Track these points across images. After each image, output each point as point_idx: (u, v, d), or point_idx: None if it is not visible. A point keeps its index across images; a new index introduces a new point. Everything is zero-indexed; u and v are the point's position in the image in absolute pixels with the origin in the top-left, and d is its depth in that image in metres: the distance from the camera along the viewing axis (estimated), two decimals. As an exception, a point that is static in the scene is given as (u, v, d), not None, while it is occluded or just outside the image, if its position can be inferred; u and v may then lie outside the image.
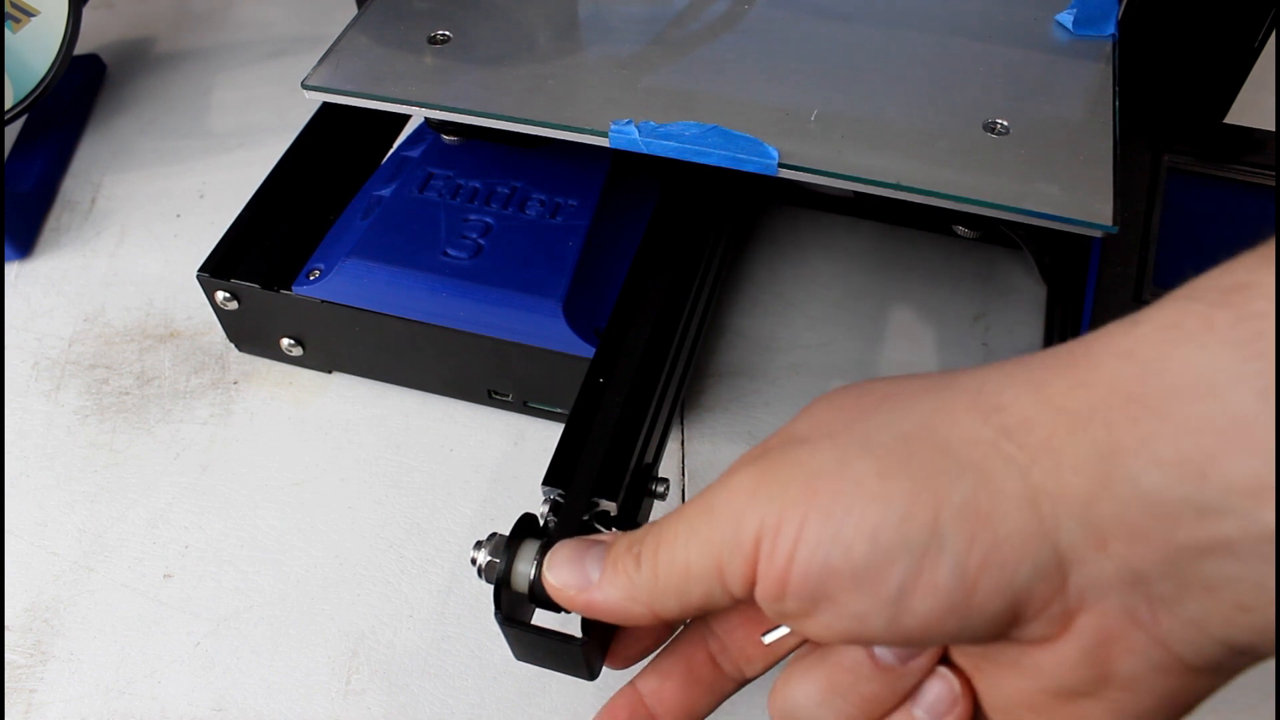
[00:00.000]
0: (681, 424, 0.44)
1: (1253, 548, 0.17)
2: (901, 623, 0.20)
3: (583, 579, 0.25)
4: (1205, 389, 0.17)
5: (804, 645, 0.27)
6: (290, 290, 0.42)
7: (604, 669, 0.29)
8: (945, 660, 0.23)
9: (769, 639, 0.26)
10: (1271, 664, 0.19)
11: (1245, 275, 0.18)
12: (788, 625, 0.23)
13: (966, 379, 0.21)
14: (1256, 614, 0.18)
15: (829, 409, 0.23)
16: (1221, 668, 0.19)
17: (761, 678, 0.28)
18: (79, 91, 0.61)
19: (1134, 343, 0.19)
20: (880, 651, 0.23)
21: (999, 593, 0.19)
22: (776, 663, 0.28)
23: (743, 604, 0.27)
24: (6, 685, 0.37)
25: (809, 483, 0.21)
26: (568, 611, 0.26)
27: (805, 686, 0.24)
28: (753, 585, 0.22)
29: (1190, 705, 0.20)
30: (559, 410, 0.43)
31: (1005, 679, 0.22)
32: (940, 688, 0.23)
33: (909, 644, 0.21)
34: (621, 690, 0.28)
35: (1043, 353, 0.20)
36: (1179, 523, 0.18)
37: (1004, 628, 0.20)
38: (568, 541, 0.26)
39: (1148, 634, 0.19)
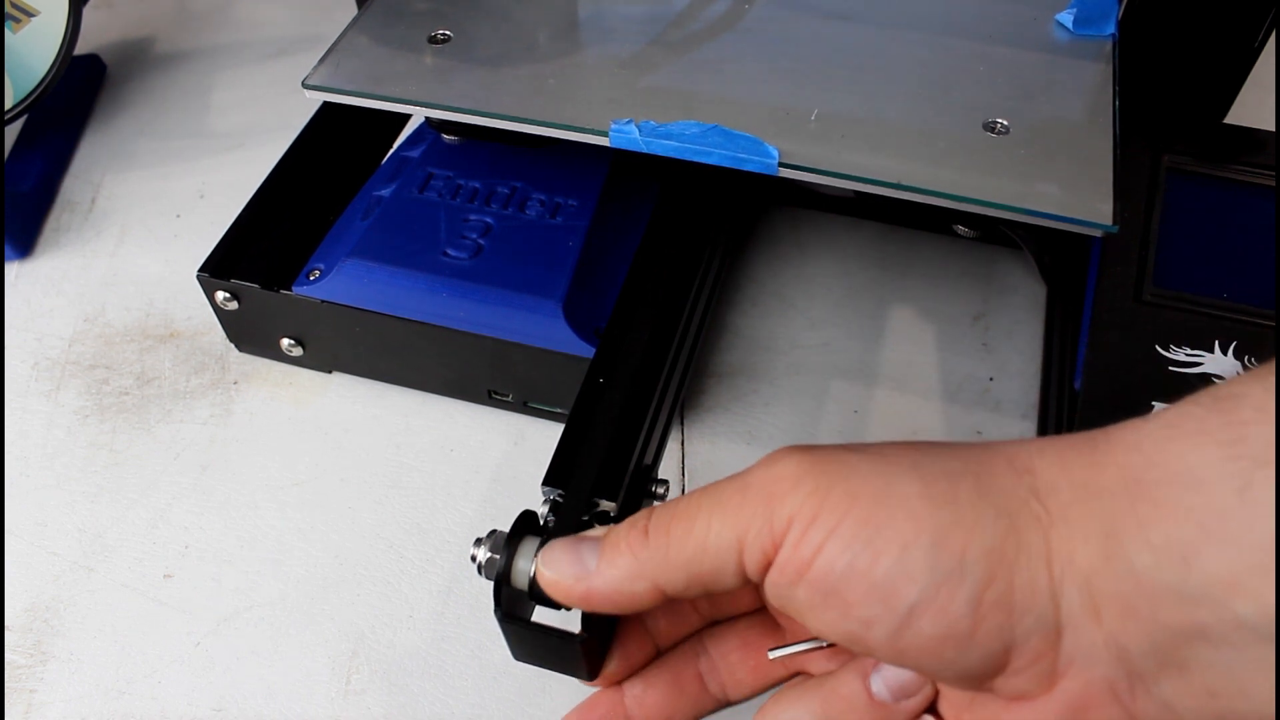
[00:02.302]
0: (681, 424, 0.44)
1: (1225, 635, 0.19)
2: (903, 638, 0.21)
3: (579, 567, 0.25)
4: (1193, 482, 0.19)
5: (796, 676, 0.27)
6: (290, 290, 0.42)
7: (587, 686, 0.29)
8: (931, 710, 0.24)
9: (776, 654, 0.27)
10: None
11: (1238, 388, 0.20)
12: (790, 614, 0.23)
13: (1003, 445, 0.23)
14: (1223, 701, 0.19)
15: (879, 444, 0.24)
16: None
17: (743, 705, 0.29)
18: (79, 91, 0.61)
19: (1141, 436, 0.20)
20: (876, 685, 0.24)
21: (1000, 634, 0.21)
22: (763, 691, 0.28)
23: (739, 624, 0.28)
24: (6, 685, 0.37)
25: (853, 487, 0.22)
26: (568, 609, 0.27)
27: (797, 710, 0.25)
28: (766, 567, 0.22)
29: None
30: (559, 410, 0.43)
31: None
32: None
33: (902, 662, 0.22)
34: (605, 689, 0.28)
35: (1069, 435, 0.22)
36: (1163, 604, 0.19)
37: (993, 671, 0.21)
38: (559, 539, 0.26)
39: (1123, 709, 0.20)
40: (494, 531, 0.28)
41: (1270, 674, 0.18)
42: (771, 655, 0.27)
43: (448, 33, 0.42)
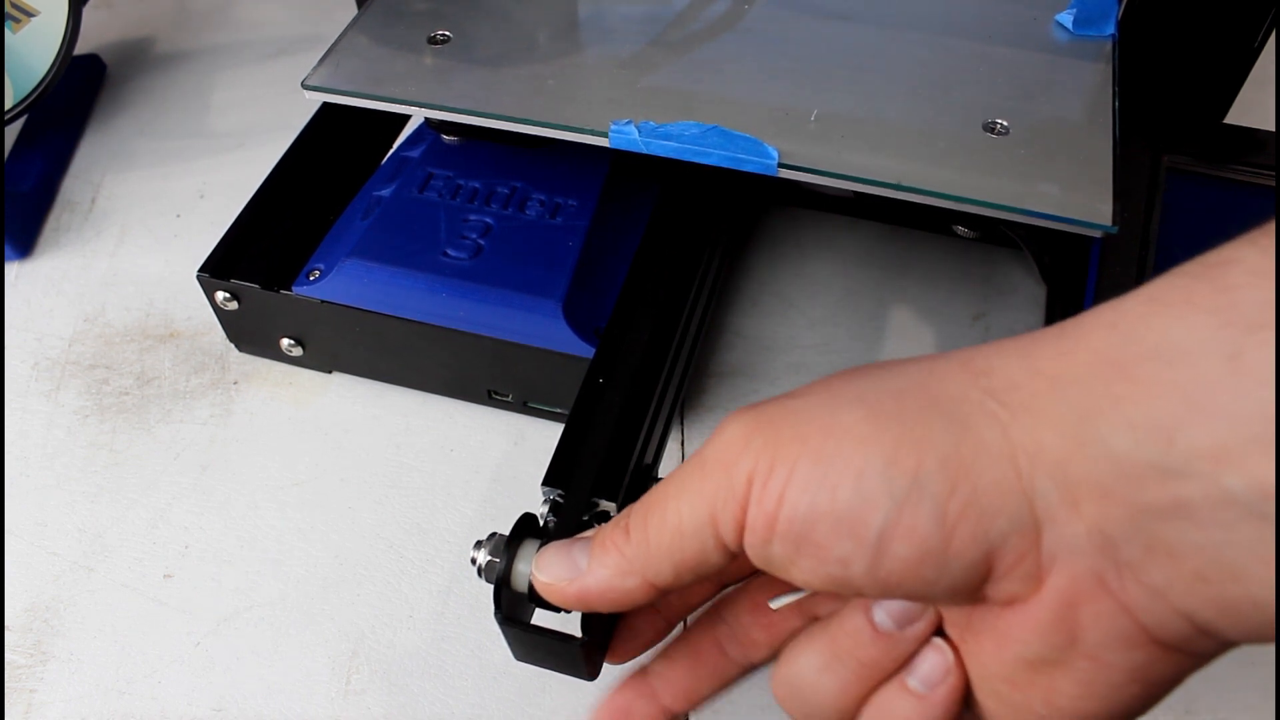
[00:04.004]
0: (681, 424, 0.44)
1: (1211, 513, 0.18)
2: (882, 567, 0.21)
3: (572, 569, 0.25)
4: (1177, 355, 0.18)
5: (806, 626, 0.27)
6: (290, 290, 0.42)
7: (604, 667, 0.29)
8: (939, 634, 0.24)
9: (776, 604, 0.27)
10: (1271, 664, 0.19)
11: (1229, 253, 0.18)
12: (775, 573, 0.23)
13: (959, 352, 0.22)
14: (1213, 586, 0.18)
15: (828, 377, 0.23)
16: (1186, 646, 0.20)
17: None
18: (79, 91, 0.61)
19: (1119, 315, 0.19)
20: (879, 616, 0.24)
21: (975, 542, 0.20)
22: (781, 648, 0.28)
23: (749, 586, 0.28)
24: (6, 685, 0.37)
25: (801, 429, 0.21)
26: (568, 611, 0.27)
27: (808, 655, 0.25)
28: (741, 533, 0.22)
29: (1157, 687, 0.21)
30: (559, 410, 0.43)
31: (984, 649, 0.22)
32: (935, 658, 0.23)
33: (888, 593, 0.22)
34: (631, 676, 0.28)
35: (1036, 331, 0.21)
36: (1145, 484, 0.18)
37: (978, 581, 0.21)
38: (553, 544, 0.26)
39: (1114, 599, 0.20)
40: (494, 534, 0.28)
41: (1263, 555, 0.17)
42: (773, 605, 0.27)
43: (447, 33, 0.42)
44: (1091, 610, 0.20)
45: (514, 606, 0.28)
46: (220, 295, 0.43)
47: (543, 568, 0.25)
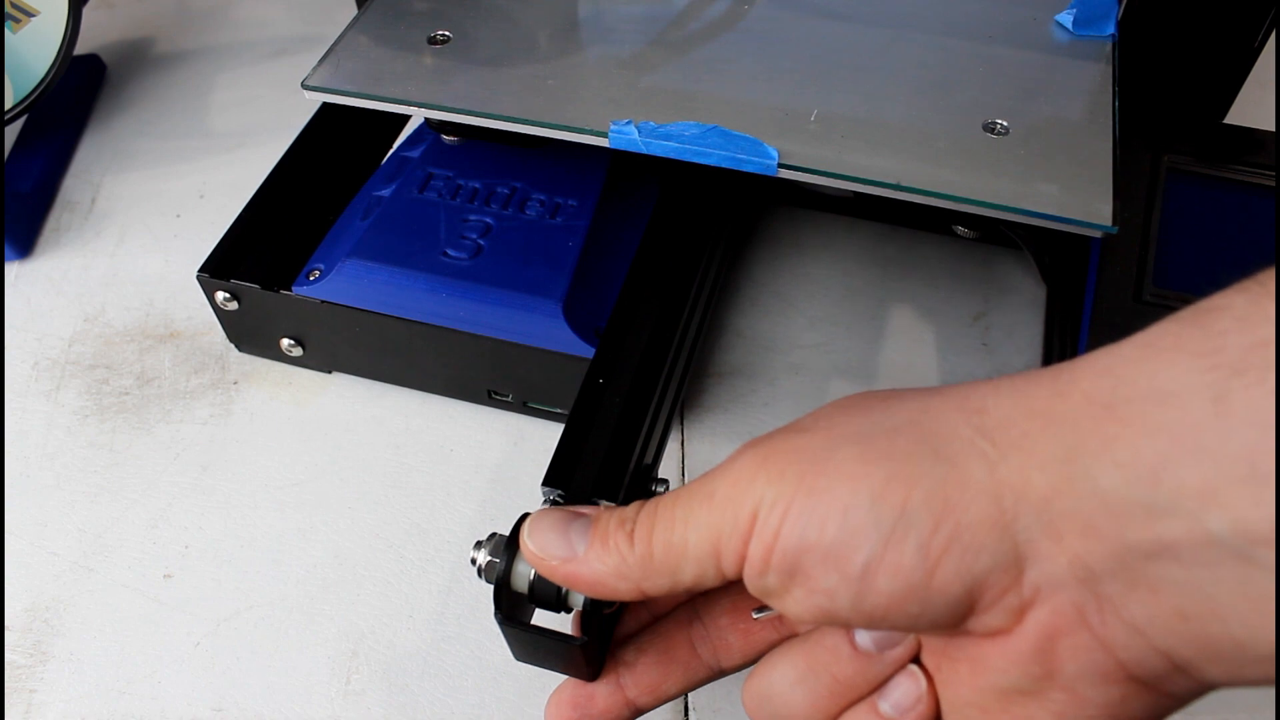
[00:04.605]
0: (681, 424, 0.44)
1: (1195, 552, 0.18)
2: (866, 600, 0.21)
3: (567, 549, 0.25)
4: (1166, 397, 0.18)
5: (784, 641, 0.27)
6: (290, 290, 0.42)
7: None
8: (914, 660, 0.24)
9: (760, 615, 0.27)
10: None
11: (1220, 300, 0.19)
12: (770, 603, 0.23)
13: (958, 388, 0.22)
14: (1194, 624, 0.18)
15: (833, 408, 0.24)
16: (1162, 685, 0.20)
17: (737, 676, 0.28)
18: (79, 91, 0.61)
19: (1113, 360, 0.20)
20: (860, 637, 0.24)
21: (958, 578, 0.20)
22: (754, 657, 0.28)
23: (730, 588, 0.28)
24: (6, 685, 0.37)
25: (802, 466, 0.22)
26: (568, 611, 0.27)
27: (783, 667, 0.25)
28: (743, 563, 0.23)
29: None
30: (559, 410, 0.43)
31: (960, 677, 0.23)
32: (908, 685, 0.24)
33: (874, 625, 0.22)
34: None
35: (1032, 370, 0.22)
36: (1130, 522, 0.19)
37: (961, 615, 0.21)
38: (549, 510, 0.26)
39: (1093, 634, 0.20)
40: (494, 535, 0.28)
41: (1245, 595, 0.18)
42: (756, 615, 0.27)
43: (447, 33, 0.42)
44: (1070, 644, 0.20)
45: (514, 606, 0.28)
46: (220, 295, 0.43)
47: (535, 535, 0.25)
